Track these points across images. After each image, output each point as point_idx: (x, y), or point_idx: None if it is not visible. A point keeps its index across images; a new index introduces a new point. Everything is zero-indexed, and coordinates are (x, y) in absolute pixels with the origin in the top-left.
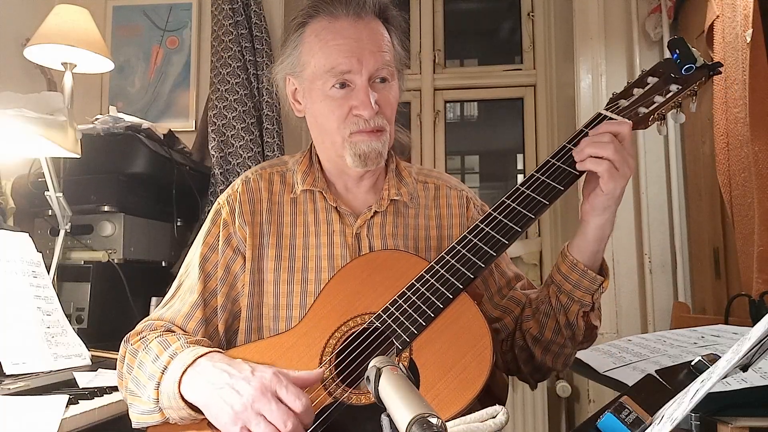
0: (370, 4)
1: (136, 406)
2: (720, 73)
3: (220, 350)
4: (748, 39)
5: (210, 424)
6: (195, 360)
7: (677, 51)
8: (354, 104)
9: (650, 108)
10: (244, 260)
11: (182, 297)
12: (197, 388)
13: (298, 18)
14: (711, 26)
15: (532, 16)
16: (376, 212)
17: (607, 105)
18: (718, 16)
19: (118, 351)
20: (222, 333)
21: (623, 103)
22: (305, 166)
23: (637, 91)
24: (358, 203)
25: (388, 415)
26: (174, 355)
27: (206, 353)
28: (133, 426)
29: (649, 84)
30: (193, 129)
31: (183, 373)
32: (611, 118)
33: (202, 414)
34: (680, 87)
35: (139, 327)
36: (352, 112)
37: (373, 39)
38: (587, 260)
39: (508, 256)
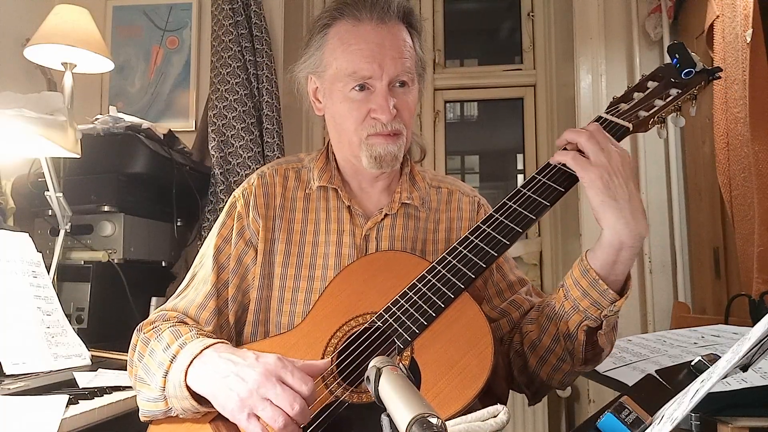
0: (395, 9)
1: (144, 393)
2: (719, 77)
3: (227, 342)
4: (748, 39)
5: (212, 421)
6: (202, 350)
7: (677, 56)
8: (372, 107)
9: (650, 111)
10: (256, 253)
11: (196, 287)
12: (203, 379)
13: (322, 19)
14: (711, 26)
15: (532, 16)
16: (386, 215)
17: (607, 108)
18: (718, 16)
19: (118, 351)
20: (233, 324)
21: (623, 106)
22: (322, 163)
23: (638, 95)
24: (371, 204)
25: (388, 415)
26: (183, 345)
27: (213, 344)
28: (141, 415)
29: (649, 88)
30: (193, 129)
31: (190, 364)
32: (611, 122)
33: (205, 407)
34: (680, 91)
35: (152, 316)
36: (371, 115)
37: (395, 45)
38: (601, 269)
39: (512, 261)
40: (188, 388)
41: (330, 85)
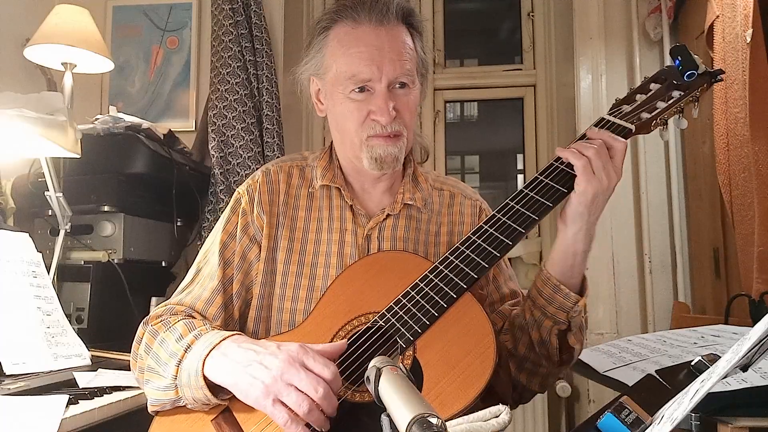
0: (394, 10)
1: (153, 382)
2: (721, 80)
3: (244, 334)
4: (748, 39)
5: (214, 419)
6: (221, 341)
7: (679, 58)
8: (372, 109)
9: (653, 113)
10: (260, 249)
11: (202, 283)
12: (223, 368)
13: (322, 21)
14: (711, 26)
15: (532, 16)
16: (388, 215)
17: (610, 110)
18: (718, 16)
19: (118, 351)
20: (237, 319)
21: (626, 108)
22: (325, 162)
23: (640, 97)
24: (373, 204)
25: (389, 415)
26: (199, 336)
27: (231, 335)
28: (149, 405)
29: (651, 90)
30: (193, 129)
31: (208, 354)
32: (614, 123)
33: (217, 398)
34: (682, 93)
35: (159, 310)
36: (370, 117)
37: (394, 47)
38: (561, 275)
39: (509, 271)
40: (205, 378)
41: (331, 87)
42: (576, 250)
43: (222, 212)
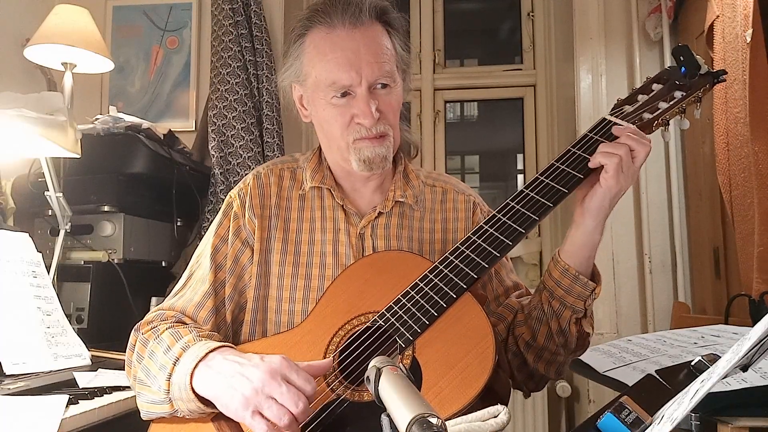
0: (367, 10)
1: (145, 395)
2: (724, 80)
3: (232, 345)
4: (748, 39)
5: (214, 419)
6: (207, 354)
7: (681, 58)
8: (355, 113)
9: (654, 114)
10: (252, 252)
11: (193, 287)
12: (208, 381)
13: (297, 29)
14: (711, 26)
15: (532, 16)
16: (380, 213)
17: (611, 110)
18: (718, 16)
19: (118, 351)
20: (230, 323)
21: (628, 108)
22: (315, 164)
23: (642, 97)
24: (364, 203)
25: (389, 415)
26: (186, 348)
27: (218, 347)
28: (142, 415)
29: (653, 90)
30: (193, 129)
31: (195, 367)
32: (616, 123)
33: (211, 408)
34: (684, 94)
35: (150, 316)
36: (354, 120)
37: (371, 48)
38: (578, 266)
39: (510, 264)
40: (194, 391)
41: (312, 93)
42: (594, 241)
43: None
